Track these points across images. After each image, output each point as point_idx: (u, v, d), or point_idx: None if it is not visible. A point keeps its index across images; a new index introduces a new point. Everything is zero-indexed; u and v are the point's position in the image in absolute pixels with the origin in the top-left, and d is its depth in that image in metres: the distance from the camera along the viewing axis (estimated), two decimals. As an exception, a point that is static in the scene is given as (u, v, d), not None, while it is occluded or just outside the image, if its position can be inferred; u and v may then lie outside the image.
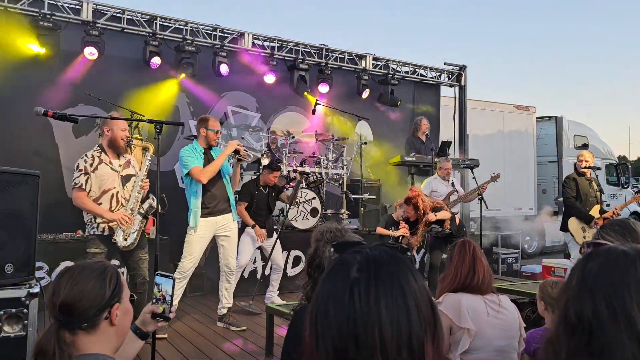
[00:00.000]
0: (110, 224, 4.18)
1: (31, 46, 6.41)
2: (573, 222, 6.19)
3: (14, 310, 2.71)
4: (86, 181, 4.14)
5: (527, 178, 11.52)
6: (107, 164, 4.23)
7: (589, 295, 1.03)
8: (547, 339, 1.11)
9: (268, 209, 5.94)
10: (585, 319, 1.02)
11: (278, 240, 5.94)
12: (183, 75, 7.32)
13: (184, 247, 4.96)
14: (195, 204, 4.90)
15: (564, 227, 6.27)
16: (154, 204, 4.22)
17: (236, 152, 4.92)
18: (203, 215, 4.92)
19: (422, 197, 5.88)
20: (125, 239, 4.16)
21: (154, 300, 1.94)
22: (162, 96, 7.43)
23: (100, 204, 4.17)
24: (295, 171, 5.83)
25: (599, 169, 6.69)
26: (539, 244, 11.56)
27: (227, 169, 5.16)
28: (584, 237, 6.08)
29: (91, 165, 4.18)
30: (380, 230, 6.10)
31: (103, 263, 1.63)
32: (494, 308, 2.48)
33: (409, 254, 1.04)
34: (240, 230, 5.66)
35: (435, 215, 5.85)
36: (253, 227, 5.70)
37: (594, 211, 6.17)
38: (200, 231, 4.93)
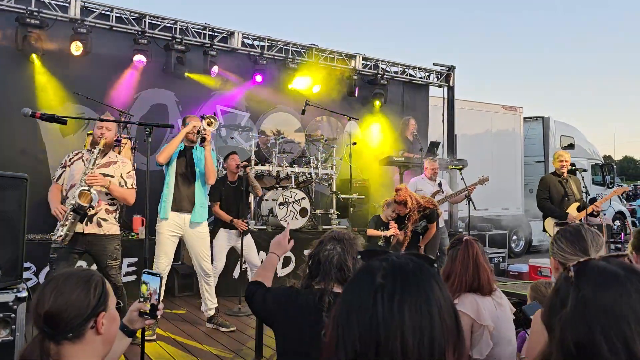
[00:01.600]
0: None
1: (18, 44, 6.34)
2: (549, 223, 6.25)
3: (1, 315, 2.69)
4: (60, 175, 4.22)
5: (514, 178, 11.61)
6: (83, 160, 4.22)
7: (587, 325, 0.99)
8: None
9: (237, 205, 5.80)
10: (585, 349, 0.98)
11: (251, 240, 5.90)
12: (172, 73, 7.28)
13: (156, 247, 4.90)
14: (165, 196, 4.91)
15: (544, 228, 6.35)
16: (86, 200, 3.95)
17: (198, 132, 4.85)
18: (172, 209, 4.89)
19: (409, 193, 5.84)
20: (61, 231, 3.97)
21: (141, 299, 1.94)
22: (150, 95, 7.40)
23: (67, 197, 4.15)
24: (238, 166, 5.78)
25: (584, 170, 6.74)
26: (525, 243, 11.66)
27: (202, 167, 5.04)
28: None
29: (70, 160, 4.26)
30: (370, 232, 6.09)
31: (88, 271, 1.60)
32: (497, 302, 2.55)
33: (435, 265, 1.04)
34: (212, 235, 5.53)
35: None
36: (231, 221, 5.67)
37: (571, 209, 6.22)
38: (166, 227, 4.89)
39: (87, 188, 3.96)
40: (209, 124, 4.84)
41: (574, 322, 1.01)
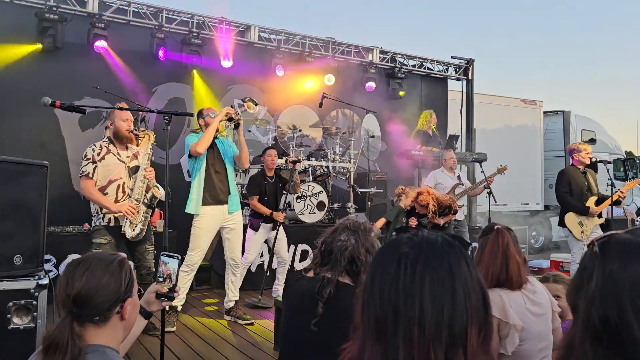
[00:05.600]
0: (115, 215, 4.17)
1: (37, 39, 6.38)
2: (569, 217, 6.11)
3: (23, 301, 2.68)
4: (93, 170, 4.16)
5: (534, 173, 11.44)
6: (114, 155, 4.25)
7: (614, 299, 0.96)
8: (567, 347, 1.04)
9: (276, 200, 5.88)
10: (611, 325, 0.95)
11: (283, 233, 5.92)
12: (189, 68, 7.29)
13: (190, 240, 4.92)
14: (196, 191, 4.87)
15: (562, 223, 6.20)
16: (158, 194, 4.20)
17: (229, 119, 4.83)
18: (205, 204, 4.88)
19: (432, 195, 5.68)
20: (133, 230, 4.14)
21: (160, 279, 1.92)
22: (167, 89, 7.41)
23: (107, 193, 4.17)
24: (286, 161, 5.79)
25: (609, 162, 6.59)
26: (545, 239, 11.50)
27: (231, 155, 5.06)
28: (582, 231, 6.01)
29: (99, 154, 4.20)
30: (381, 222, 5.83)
31: (117, 256, 1.59)
32: (529, 297, 2.42)
33: (470, 249, 1.04)
34: (246, 226, 5.62)
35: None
36: (271, 214, 5.67)
37: (590, 203, 6.09)
38: (205, 222, 4.89)
39: (155, 184, 4.21)
40: (255, 104, 4.94)
41: (601, 297, 0.98)
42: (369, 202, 7.63)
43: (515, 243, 2.47)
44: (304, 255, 6.88)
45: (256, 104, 4.98)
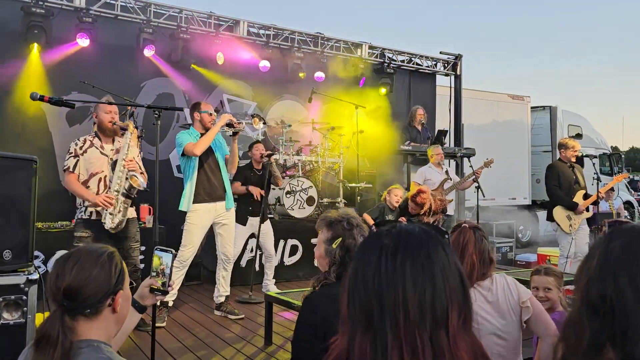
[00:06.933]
0: (96, 209, 4.16)
1: (24, 34, 6.30)
2: (558, 211, 6.19)
3: (12, 297, 2.67)
4: (75, 164, 4.18)
5: (521, 168, 11.53)
6: (97, 148, 4.25)
7: (611, 274, 1.00)
8: (567, 321, 1.09)
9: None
10: (608, 300, 0.99)
11: (270, 227, 5.92)
12: (178, 63, 7.23)
13: (183, 236, 4.91)
14: (189, 188, 4.86)
15: (550, 217, 6.27)
16: (137, 183, 4.13)
17: (229, 125, 4.86)
18: (200, 201, 4.88)
19: (430, 198, 5.68)
20: (112, 220, 4.10)
21: (154, 274, 1.93)
22: (156, 84, 7.36)
23: (89, 187, 4.17)
24: (261, 156, 5.81)
25: (595, 157, 6.67)
26: (532, 233, 11.60)
27: (223, 150, 5.11)
28: (570, 225, 6.09)
29: (81, 148, 4.22)
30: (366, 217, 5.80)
31: (107, 249, 1.59)
32: (483, 293, 2.46)
33: (446, 236, 1.11)
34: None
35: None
36: (247, 189, 5.73)
37: (578, 197, 6.16)
38: (199, 218, 4.89)
39: (133, 173, 4.12)
40: (264, 123, 4.96)
41: (601, 272, 1.03)
42: (359, 197, 7.65)
43: (479, 242, 2.52)
44: (293, 250, 6.89)
45: (264, 122, 5.02)
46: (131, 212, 4.37)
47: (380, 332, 0.97)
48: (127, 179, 4.17)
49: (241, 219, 5.68)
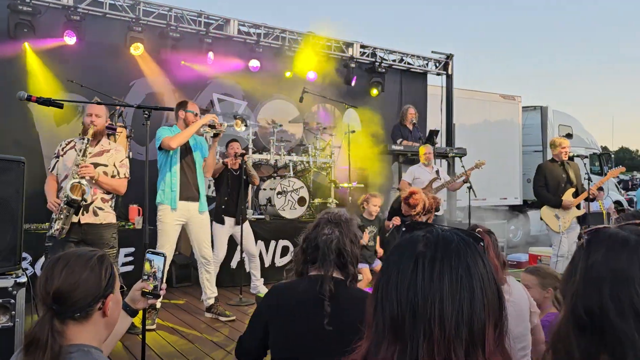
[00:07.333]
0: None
1: (10, 32, 6.21)
2: (545, 211, 6.24)
3: (0, 300, 2.62)
4: (54, 165, 4.17)
5: (512, 167, 11.56)
6: (76, 149, 4.12)
7: (596, 289, 0.99)
8: (555, 337, 1.08)
9: (238, 192, 5.71)
10: (594, 315, 0.98)
11: (249, 228, 5.87)
12: (167, 62, 7.17)
13: (158, 236, 4.82)
14: (172, 184, 4.79)
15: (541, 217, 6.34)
16: (77, 193, 3.83)
17: (211, 126, 4.78)
18: (181, 199, 4.81)
19: (423, 197, 5.61)
20: (56, 226, 3.90)
21: (145, 277, 1.91)
22: (146, 83, 7.29)
23: (61, 187, 4.08)
24: (235, 155, 5.72)
25: (586, 157, 6.69)
26: (523, 233, 11.64)
27: (203, 152, 5.04)
28: (559, 224, 6.12)
29: (63, 149, 4.19)
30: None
31: (97, 252, 1.57)
32: (506, 298, 2.42)
33: (482, 243, 1.03)
34: (212, 221, 5.48)
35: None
36: (223, 162, 5.67)
37: (567, 195, 6.19)
38: (174, 217, 4.81)
39: (78, 180, 3.85)
40: (246, 126, 4.84)
41: (584, 287, 1.01)
42: (350, 197, 7.63)
43: (495, 246, 2.48)
44: (284, 251, 6.85)
45: (246, 125, 4.92)
46: (110, 218, 4.24)
47: (411, 344, 0.92)
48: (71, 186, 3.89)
49: (218, 218, 5.63)
